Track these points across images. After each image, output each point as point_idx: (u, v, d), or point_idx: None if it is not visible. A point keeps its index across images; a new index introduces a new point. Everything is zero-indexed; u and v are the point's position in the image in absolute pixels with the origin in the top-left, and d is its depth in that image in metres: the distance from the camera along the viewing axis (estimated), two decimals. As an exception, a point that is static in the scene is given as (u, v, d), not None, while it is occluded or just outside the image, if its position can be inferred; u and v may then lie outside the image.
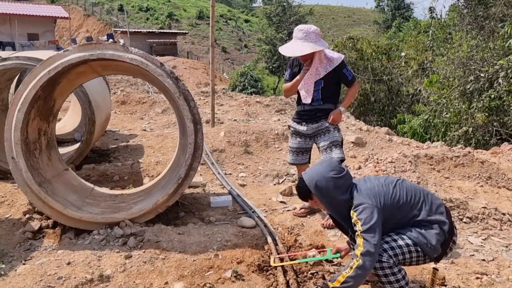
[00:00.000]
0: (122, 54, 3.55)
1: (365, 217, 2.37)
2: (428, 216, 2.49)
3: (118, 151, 6.42)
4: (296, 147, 4.04)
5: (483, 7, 12.58)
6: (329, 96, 3.86)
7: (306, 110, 3.91)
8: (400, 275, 2.43)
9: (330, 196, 2.53)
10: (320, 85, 3.80)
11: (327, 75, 3.76)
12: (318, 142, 3.91)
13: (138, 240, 3.44)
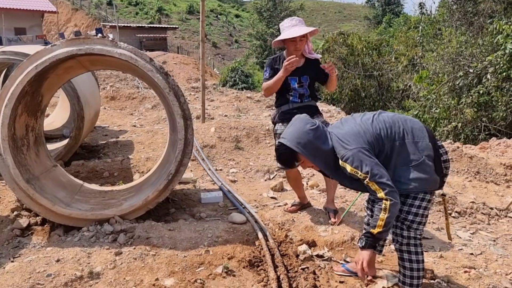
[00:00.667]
0: (111, 49, 3.51)
1: (359, 163, 2.36)
2: (416, 149, 2.47)
3: (108, 147, 6.37)
4: None
5: (472, 3, 12.68)
6: (313, 93, 3.87)
7: (294, 108, 3.78)
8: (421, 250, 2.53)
9: (314, 148, 2.50)
10: (307, 80, 3.78)
11: (311, 69, 3.78)
12: None
13: (128, 236, 3.42)
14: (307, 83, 3.78)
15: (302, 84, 3.77)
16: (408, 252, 2.53)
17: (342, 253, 3.34)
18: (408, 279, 2.56)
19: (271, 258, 3.19)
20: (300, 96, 3.80)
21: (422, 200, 2.48)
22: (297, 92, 3.79)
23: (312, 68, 3.80)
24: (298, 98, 3.80)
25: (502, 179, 5.06)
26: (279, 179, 5.20)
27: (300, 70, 3.77)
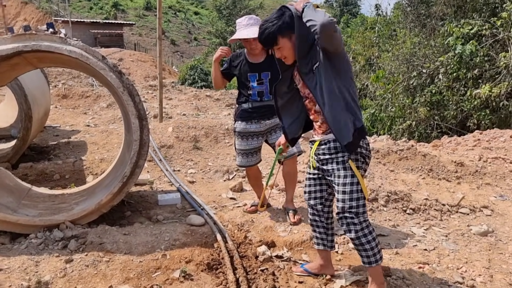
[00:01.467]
0: (60, 46, 3.33)
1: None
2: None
3: (59, 148, 6.09)
4: (248, 148, 3.80)
5: (425, 5, 13.15)
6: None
7: (255, 107, 3.71)
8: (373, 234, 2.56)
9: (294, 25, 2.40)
10: (268, 77, 3.67)
11: (274, 65, 3.69)
12: (273, 138, 3.77)
13: (80, 242, 3.27)
14: (267, 79, 3.67)
15: (262, 81, 3.68)
16: (364, 235, 2.53)
17: (301, 253, 3.34)
18: (372, 257, 2.57)
19: (230, 260, 3.15)
20: (259, 94, 3.70)
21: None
22: (255, 90, 3.70)
23: (274, 63, 3.72)
24: (257, 96, 3.70)
25: (453, 176, 5.26)
26: (239, 179, 5.16)
27: (261, 66, 3.68)
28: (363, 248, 2.55)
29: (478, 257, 3.40)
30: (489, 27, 9.85)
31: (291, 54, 2.53)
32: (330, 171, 2.59)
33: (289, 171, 3.83)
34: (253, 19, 3.64)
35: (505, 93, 9.03)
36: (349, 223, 2.51)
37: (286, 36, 2.47)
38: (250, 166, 3.89)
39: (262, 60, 3.70)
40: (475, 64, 9.67)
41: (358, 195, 2.50)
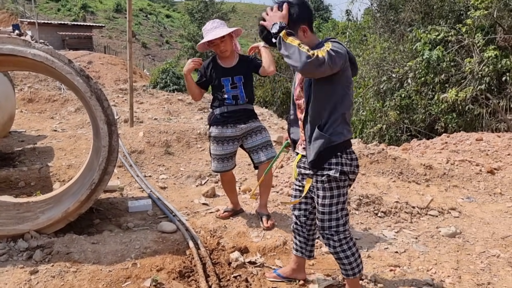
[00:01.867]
0: (23, 49, 3.21)
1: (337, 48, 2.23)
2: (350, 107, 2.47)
3: (24, 154, 5.87)
4: (223, 153, 3.74)
5: (393, 11, 13.45)
6: (249, 94, 3.76)
7: (230, 112, 3.68)
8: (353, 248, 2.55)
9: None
10: (241, 80, 3.68)
11: (245, 68, 3.70)
12: (248, 143, 3.75)
13: (46, 252, 3.14)
14: (241, 83, 3.69)
15: (236, 85, 3.68)
16: (342, 251, 2.53)
17: (274, 258, 3.33)
18: (349, 270, 2.57)
19: (202, 267, 3.10)
20: (234, 97, 3.69)
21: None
22: (230, 94, 3.68)
23: (246, 66, 3.72)
24: (232, 99, 3.69)
25: (422, 178, 5.37)
26: (211, 184, 5.11)
27: (233, 70, 3.69)
28: (341, 262, 2.56)
29: (447, 258, 3.47)
30: (454, 33, 10.16)
31: None
32: (310, 188, 2.57)
33: (266, 180, 3.81)
34: (216, 22, 3.65)
35: (470, 97, 9.33)
36: (329, 238, 2.52)
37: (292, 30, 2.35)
38: (225, 171, 3.83)
39: (235, 64, 3.70)
40: (442, 69, 9.95)
41: (337, 215, 2.48)
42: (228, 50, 3.64)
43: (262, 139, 3.76)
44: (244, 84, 3.70)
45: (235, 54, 3.75)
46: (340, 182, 2.44)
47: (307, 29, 2.39)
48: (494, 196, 5.09)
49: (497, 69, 9.14)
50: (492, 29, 10.07)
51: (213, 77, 3.72)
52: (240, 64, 3.72)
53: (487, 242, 3.82)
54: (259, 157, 3.73)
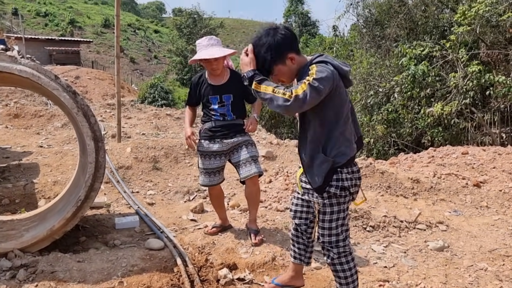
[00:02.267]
0: (9, 65, 3.18)
1: (321, 72, 2.19)
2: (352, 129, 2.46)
3: (9, 171, 5.77)
4: (210, 168, 3.73)
5: (379, 27, 13.71)
6: (239, 111, 3.73)
7: (218, 126, 3.68)
8: (351, 263, 2.56)
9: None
10: (230, 99, 3.65)
11: (235, 86, 3.63)
12: (235, 158, 3.73)
13: (30, 272, 3.07)
14: (229, 101, 3.65)
15: (224, 103, 3.65)
16: (340, 263, 2.54)
17: (263, 275, 3.30)
18: (344, 285, 2.58)
19: (190, 285, 3.05)
20: (221, 115, 3.68)
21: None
22: (217, 111, 3.68)
23: (237, 84, 3.58)
24: (219, 116, 3.69)
25: (410, 192, 5.40)
26: (199, 200, 5.07)
27: (222, 88, 3.65)
28: (337, 275, 2.57)
29: (436, 272, 3.47)
30: (439, 48, 10.37)
31: (289, 76, 2.42)
32: (311, 203, 2.58)
33: (251, 191, 3.77)
34: (213, 39, 3.60)
35: (455, 111, 9.48)
36: (328, 249, 2.54)
37: (280, 63, 2.35)
38: (213, 185, 3.81)
39: (224, 81, 3.67)
40: (428, 84, 10.12)
41: (337, 231, 2.49)
42: (220, 68, 3.61)
43: (248, 153, 3.68)
44: (233, 103, 3.67)
45: (225, 71, 3.71)
46: (340, 198, 2.42)
47: (294, 56, 2.36)
48: (481, 209, 5.14)
49: (481, 83, 9.32)
50: (475, 44, 10.32)
51: (202, 94, 3.71)
52: (231, 82, 3.67)
53: (474, 255, 3.84)
54: (243, 172, 3.65)
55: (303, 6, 49.11)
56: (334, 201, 2.43)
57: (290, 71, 2.38)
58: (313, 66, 2.25)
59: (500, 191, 5.56)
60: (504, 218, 4.85)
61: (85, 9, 62.46)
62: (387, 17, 13.29)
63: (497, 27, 10.00)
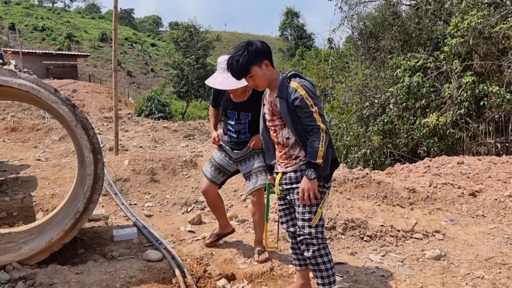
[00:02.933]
0: (9, 79, 3.22)
1: (312, 94, 2.61)
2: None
3: (7, 184, 5.77)
4: (218, 163, 3.68)
5: (374, 40, 13.86)
6: (256, 128, 3.44)
7: (232, 142, 3.63)
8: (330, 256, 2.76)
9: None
10: (248, 118, 3.53)
11: (255, 108, 3.37)
12: (244, 168, 3.63)
13: (28, 284, 3.08)
14: (247, 120, 3.53)
15: (240, 121, 3.54)
16: (320, 256, 2.72)
17: (261, 285, 3.31)
18: (326, 279, 2.73)
19: (189, 296, 3.06)
20: (236, 132, 3.59)
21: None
22: (233, 127, 3.59)
23: (258, 103, 3.33)
24: (234, 133, 3.61)
25: (406, 202, 5.44)
26: (197, 211, 5.09)
27: (241, 105, 3.52)
28: (319, 268, 2.72)
29: (433, 281, 3.49)
30: (433, 60, 10.49)
31: (263, 81, 2.74)
32: (292, 201, 2.81)
33: (254, 212, 3.66)
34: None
35: (451, 121, 9.56)
36: (308, 243, 2.71)
37: (257, 64, 2.67)
38: (209, 180, 3.69)
39: (244, 99, 3.51)
40: (422, 95, 10.21)
41: (316, 223, 2.72)
42: (238, 91, 3.48)
43: (257, 164, 3.56)
44: (250, 122, 3.54)
45: (247, 89, 3.48)
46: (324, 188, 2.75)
47: (269, 64, 2.72)
48: (477, 218, 5.18)
49: (475, 94, 9.42)
50: (468, 55, 10.45)
51: (221, 105, 3.65)
52: (251, 100, 3.48)
53: (471, 264, 3.87)
54: (254, 183, 3.55)
55: (298, 19, 49.62)
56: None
57: (264, 76, 2.71)
58: (296, 85, 2.63)
59: (496, 200, 5.60)
60: (500, 227, 4.88)
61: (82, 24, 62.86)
62: (382, 30, 13.45)
63: (489, 39, 10.14)
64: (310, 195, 2.62)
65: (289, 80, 2.68)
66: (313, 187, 2.61)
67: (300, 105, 2.59)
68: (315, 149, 2.56)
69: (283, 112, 2.68)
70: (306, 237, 2.71)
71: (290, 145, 2.77)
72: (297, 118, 2.64)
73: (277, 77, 2.75)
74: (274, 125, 2.82)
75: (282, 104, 2.67)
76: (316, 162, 2.57)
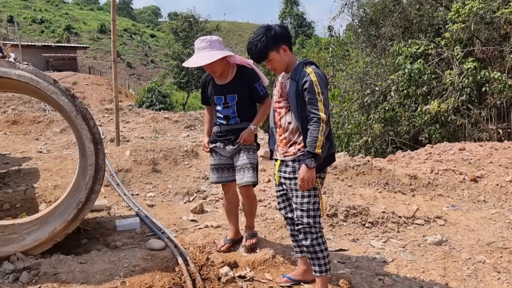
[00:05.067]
0: (8, 70, 3.22)
1: (322, 82, 2.64)
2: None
3: (9, 177, 5.79)
4: (216, 163, 3.54)
5: (374, 27, 13.76)
6: (245, 113, 3.44)
7: (223, 131, 3.48)
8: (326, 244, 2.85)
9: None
10: (234, 99, 3.38)
11: (241, 85, 3.37)
12: (235, 160, 3.48)
13: (33, 274, 3.10)
14: (234, 102, 3.39)
15: (228, 104, 3.40)
16: (318, 244, 2.80)
17: (264, 272, 3.33)
18: (323, 266, 2.81)
19: (192, 283, 3.09)
20: (225, 117, 3.45)
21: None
22: (222, 113, 3.45)
23: (243, 82, 3.36)
24: (224, 119, 3.46)
25: (407, 188, 5.44)
26: (199, 200, 5.11)
27: (226, 87, 3.39)
28: (317, 256, 2.80)
29: (434, 266, 3.52)
30: (434, 46, 10.43)
31: (280, 65, 2.80)
32: (289, 190, 2.84)
33: (243, 204, 3.59)
34: (205, 41, 3.29)
35: (452, 108, 9.54)
36: (307, 232, 2.79)
37: (275, 49, 2.73)
38: (223, 182, 3.54)
39: (228, 81, 3.40)
40: (424, 82, 10.17)
41: (314, 213, 2.79)
42: (217, 71, 3.35)
43: (243, 160, 3.43)
44: (238, 104, 3.40)
45: (230, 69, 3.41)
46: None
47: (287, 49, 2.77)
48: (478, 204, 5.19)
49: (477, 80, 9.38)
50: (470, 41, 10.38)
51: (209, 93, 3.53)
52: (236, 80, 3.39)
53: (472, 248, 3.89)
54: (240, 179, 3.44)
55: (298, 7, 49.29)
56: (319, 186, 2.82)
57: (282, 60, 2.77)
58: (310, 70, 2.65)
59: (497, 185, 5.61)
60: (501, 212, 4.90)
61: (81, 15, 62.54)
62: (382, 16, 13.34)
63: (491, 24, 10.06)
64: (308, 183, 2.66)
65: (305, 65, 2.73)
66: (312, 176, 2.65)
67: (308, 89, 2.62)
68: (314, 139, 2.59)
69: (290, 94, 2.72)
70: (304, 226, 2.78)
71: (290, 130, 2.80)
72: (302, 104, 2.67)
73: (294, 61, 2.81)
74: (280, 107, 2.86)
75: (292, 86, 2.71)
76: (315, 152, 2.59)
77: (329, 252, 2.86)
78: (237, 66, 3.44)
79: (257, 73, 3.47)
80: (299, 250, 3.09)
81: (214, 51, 3.26)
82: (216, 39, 3.34)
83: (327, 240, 3.45)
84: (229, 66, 3.42)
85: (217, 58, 3.22)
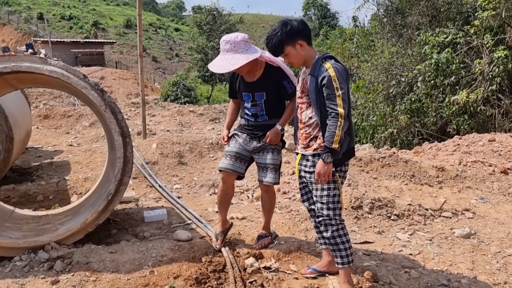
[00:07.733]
0: (40, 66, 3.33)
1: (341, 77, 2.63)
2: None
3: (42, 169, 6.01)
4: (235, 151, 3.43)
5: (400, 16, 13.45)
6: (274, 111, 3.40)
7: (250, 125, 3.44)
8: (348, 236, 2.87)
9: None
10: (262, 97, 3.33)
11: (269, 83, 3.31)
12: (258, 158, 3.46)
13: (66, 263, 3.23)
14: (262, 100, 3.33)
15: (256, 102, 3.35)
16: (339, 236, 2.83)
17: (289, 263, 3.36)
18: (345, 258, 2.83)
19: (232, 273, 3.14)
20: (253, 115, 3.41)
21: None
22: (250, 110, 3.40)
23: (271, 81, 3.29)
24: (251, 116, 3.43)
25: (434, 180, 5.35)
26: (224, 192, 5.16)
27: (254, 85, 3.33)
28: (338, 248, 2.83)
29: (462, 259, 3.47)
30: (463, 35, 10.13)
31: (297, 60, 2.83)
32: (310, 183, 2.91)
33: (263, 198, 3.64)
34: (229, 43, 3.16)
35: (481, 98, 9.27)
36: (327, 224, 2.84)
37: (291, 44, 2.75)
38: (229, 170, 3.40)
39: (256, 79, 3.33)
40: (452, 71, 9.91)
41: (334, 206, 2.83)
42: (244, 71, 3.28)
43: (267, 160, 3.42)
44: (266, 102, 3.34)
45: (258, 66, 3.31)
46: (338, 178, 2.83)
47: (303, 44, 2.78)
48: (509, 196, 5.06)
49: (508, 69, 9.08)
50: (501, 29, 10.02)
51: (237, 89, 3.49)
52: (264, 78, 3.31)
53: (502, 242, 3.81)
54: (261, 177, 3.46)
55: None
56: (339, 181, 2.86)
57: (298, 55, 2.79)
58: (329, 65, 2.65)
59: (529, 177, 5.45)
60: (533, 205, 4.76)
61: (107, 11, 63.51)
62: (408, 5, 13.02)
63: (523, 10, 9.69)
64: (325, 178, 2.70)
65: (324, 60, 2.73)
66: (328, 170, 2.67)
67: (326, 85, 2.63)
68: (331, 134, 2.62)
69: (310, 90, 2.75)
70: (325, 218, 2.82)
71: (311, 125, 2.84)
72: (322, 99, 2.69)
73: (313, 56, 2.82)
74: (302, 102, 2.90)
75: (312, 82, 2.74)
76: (332, 147, 2.60)
77: (351, 244, 2.87)
78: (265, 64, 3.33)
79: (284, 71, 3.36)
80: (323, 242, 3.10)
81: (238, 55, 3.13)
82: (241, 39, 3.18)
83: (352, 232, 3.48)
84: (256, 64, 3.30)
85: (240, 65, 3.12)
